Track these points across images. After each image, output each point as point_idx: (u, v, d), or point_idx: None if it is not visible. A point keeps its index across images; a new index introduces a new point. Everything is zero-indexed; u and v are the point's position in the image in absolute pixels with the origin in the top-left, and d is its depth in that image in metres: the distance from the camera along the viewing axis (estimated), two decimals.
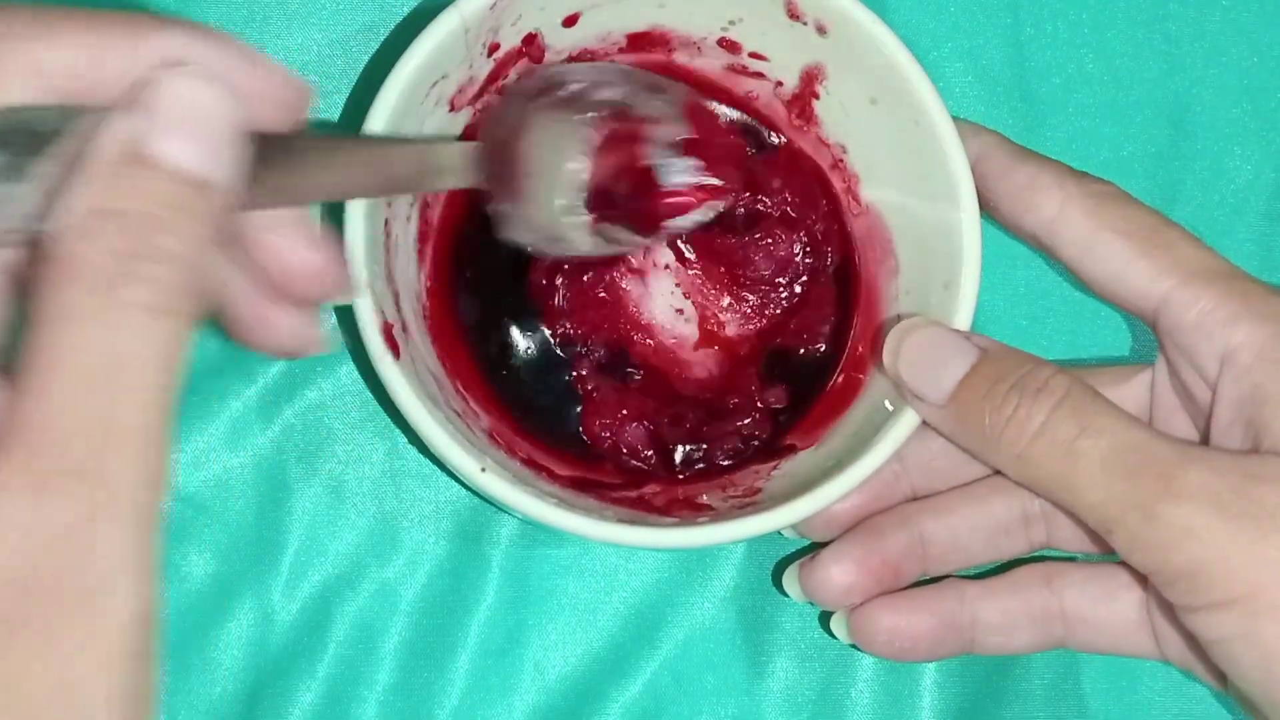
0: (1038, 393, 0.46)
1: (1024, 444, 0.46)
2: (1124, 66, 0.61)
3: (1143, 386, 0.52)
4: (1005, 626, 0.53)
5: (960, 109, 0.60)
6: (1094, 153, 0.60)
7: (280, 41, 0.58)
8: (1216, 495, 0.44)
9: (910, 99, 0.50)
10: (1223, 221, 0.61)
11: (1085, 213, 0.49)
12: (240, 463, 0.56)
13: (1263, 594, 0.43)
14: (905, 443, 0.48)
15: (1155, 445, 0.45)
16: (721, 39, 0.53)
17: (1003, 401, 0.47)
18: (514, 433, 0.53)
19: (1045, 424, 0.46)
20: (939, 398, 0.48)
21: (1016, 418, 0.46)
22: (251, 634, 0.55)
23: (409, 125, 0.48)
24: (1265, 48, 0.62)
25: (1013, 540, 0.53)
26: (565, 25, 0.52)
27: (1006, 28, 0.61)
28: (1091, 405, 0.46)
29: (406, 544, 0.56)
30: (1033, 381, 0.47)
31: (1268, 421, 0.46)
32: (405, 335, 0.48)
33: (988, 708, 0.57)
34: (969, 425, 0.48)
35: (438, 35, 0.48)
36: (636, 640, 0.57)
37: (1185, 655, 0.51)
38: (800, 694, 0.57)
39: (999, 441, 0.47)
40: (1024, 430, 0.46)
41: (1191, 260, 0.48)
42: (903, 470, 0.53)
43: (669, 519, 0.50)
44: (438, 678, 0.56)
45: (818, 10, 0.50)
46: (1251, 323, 0.47)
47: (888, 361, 0.49)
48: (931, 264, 0.51)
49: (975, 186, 0.50)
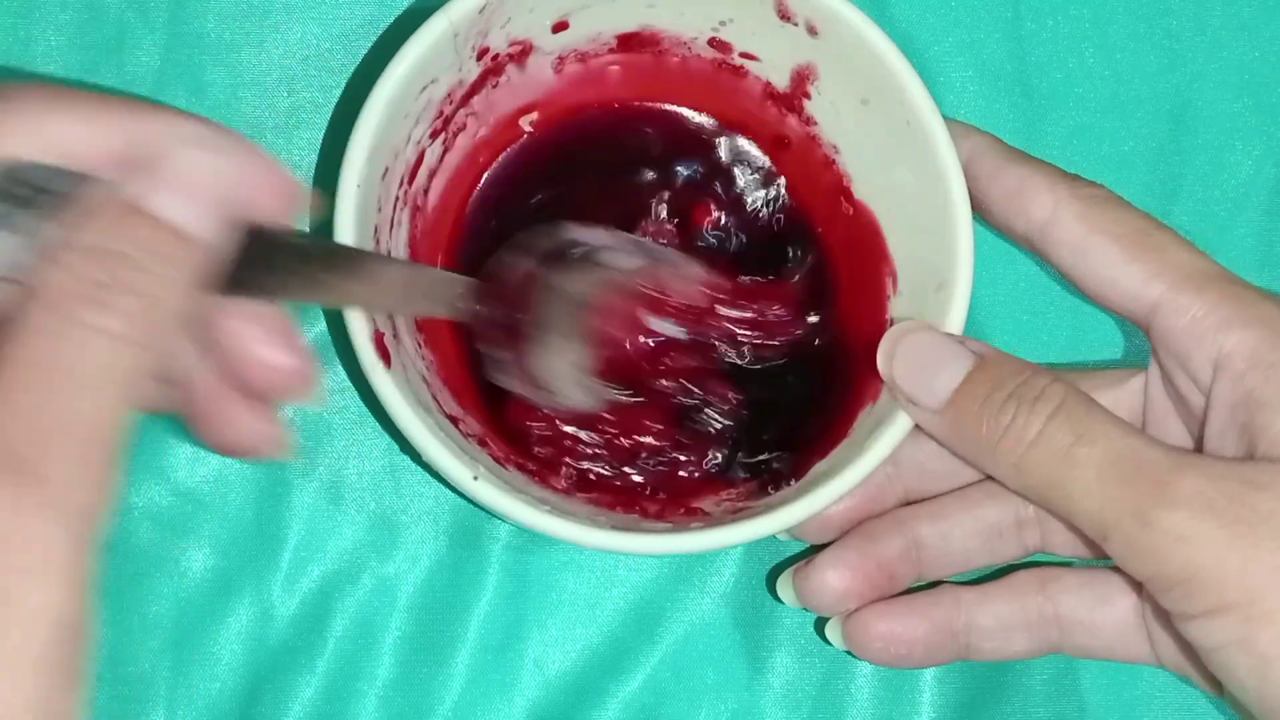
0: (1035, 401, 0.46)
1: (1020, 452, 0.46)
2: (1125, 61, 0.61)
3: (1136, 391, 0.52)
4: (1000, 632, 0.53)
5: (961, 104, 0.60)
6: (1094, 148, 0.60)
7: (280, 35, 0.58)
8: (1211, 502, 0.44)
9: (902, 99, 0.50)
10: (1223, 217, 0.60)
11: (1076, 216, 0.49)
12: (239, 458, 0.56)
13: (1258, 601, 0.43)
14: (899, 447, 0.48)
15: (1150, 452, 0.45)
16: (712, 39, 0.53)
17: (1000, 410, 0.47)
18: (505, 440, 0.53)
19: (1041, 432, 0.46)
20: (934, 404, 0.48)
21: (1014, 426, 0.46)
22: (251, 629, 0.55)
23: (396, 131, 0.49)
24: (1266, 42, 0.61)
25: (1007, 544, 0.53)
26: (555, 31, 0.52)
27: (1007, 22, 0.61)
28: (1087, 413, 0.46)
29: (406, 539, 0.56)
30: (1030, 390, 0.47)
31: (1262, 426, 0.46)
32: (396, 343, 0.48)
33: (987, 704, 0.57)
34: (965, 432, 0.48)
35: (426, 40, 0.48)
36: (636, 636, 0.57)
37: (1180, 661, 0.51)
38: (800, 690, 0.57)
39: (995, 450, 0.47)
40: (1021, 439, 0.46)
41: (1183, 264, 0.48)
42: (896, 473, 0.53)
43: (663, 524, 0.51)
44: (437, 673, 0.56)
45: (808, 10, 0.50)
46: (1244, 327, 0.47)
47: (882, 366, 0.49)
48: (924, 266, 0.50)
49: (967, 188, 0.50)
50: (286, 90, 0.58)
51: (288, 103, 0.58)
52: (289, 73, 0.58)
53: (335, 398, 0.57)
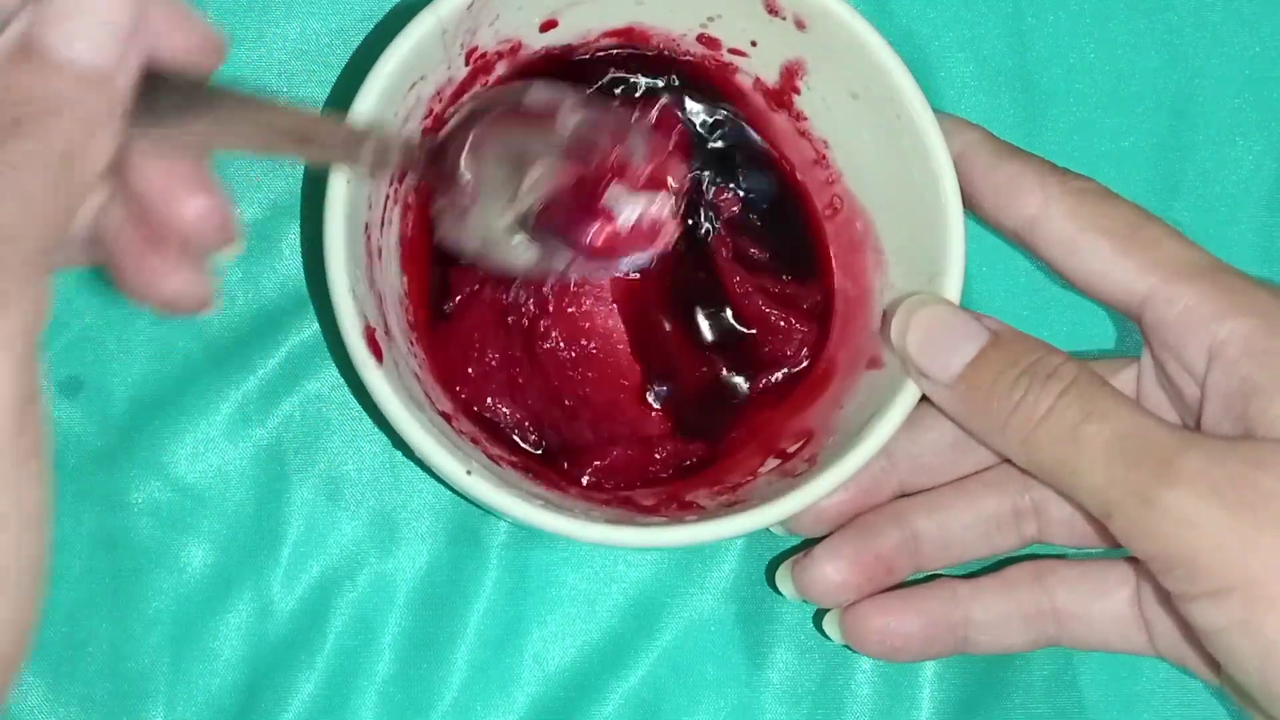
0: (1047, 379, 0.47)
1: (1029, 429, 0.46)
2: (1125, 57, 0.61)
3: (1128, 382, 0.52)
4: (997, 625, 0.53)
5: (961, 99, 0.60)
6: (1095, 143, 0.60)
7: (279, 30, 0.58)
8: (1214, 482, 0.44)
9: (891, 93, 0.50)
10: (1224, 212, 0.60)
11: (1067, 211, 0.49)
12: (239, 454, 0.56)
13: (1260, 583, 0.43)
14: (892, 438, 0.48)
15: (1157, 432, 0.45)
16: (700, 35, 0.53)
17: (1012, 387, 0.47)
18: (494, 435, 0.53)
19: (1051, 409, 0.46)
20: (946, 378, 0.48)
21: (1025, 403, 0.47)
22: (250, 625, 0.55)
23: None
24: (1267, 38, 0.61)
25: (1005, 535, 0.53)
26: (543, 30, 0.52)
27: (1008, 18, 0.61)
28: (1098, 392, 0.46)
29: (405, 535, 0.56)
30: (1043, 368, 0.47)
31: (1259, 412, 0.46)
32: (388, 339, 0.48)
33: (988, 699, 0.57)
34: (976, 408, 0.48)
35: (414, 37, 0.48)
36: (636, 632, 0.57)
37: (1178, 649, 0.51)
38: (800, 685, 0.57)
39: (1005, 426, 0.47)
40: (1030, 415, 0.46)
41: (1175, 256, 0.48)
42: (891, 466, 0.53)
43: (657, 518, 0.50)
44: (437, 669, 0.56)
45: (796, 5, 0.50)
46: (1237, 316, 0.47)
47: (895, 338, 0.49)
48: (916, 257, 0.51)
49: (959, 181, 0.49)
50: (284, 84, 0.58)
51: (285, 97, 0.58)
52: (286, 67, 0.58)
53: (335, 393, 0.57)
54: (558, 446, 0.54)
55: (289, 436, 0.56)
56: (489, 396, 0.53)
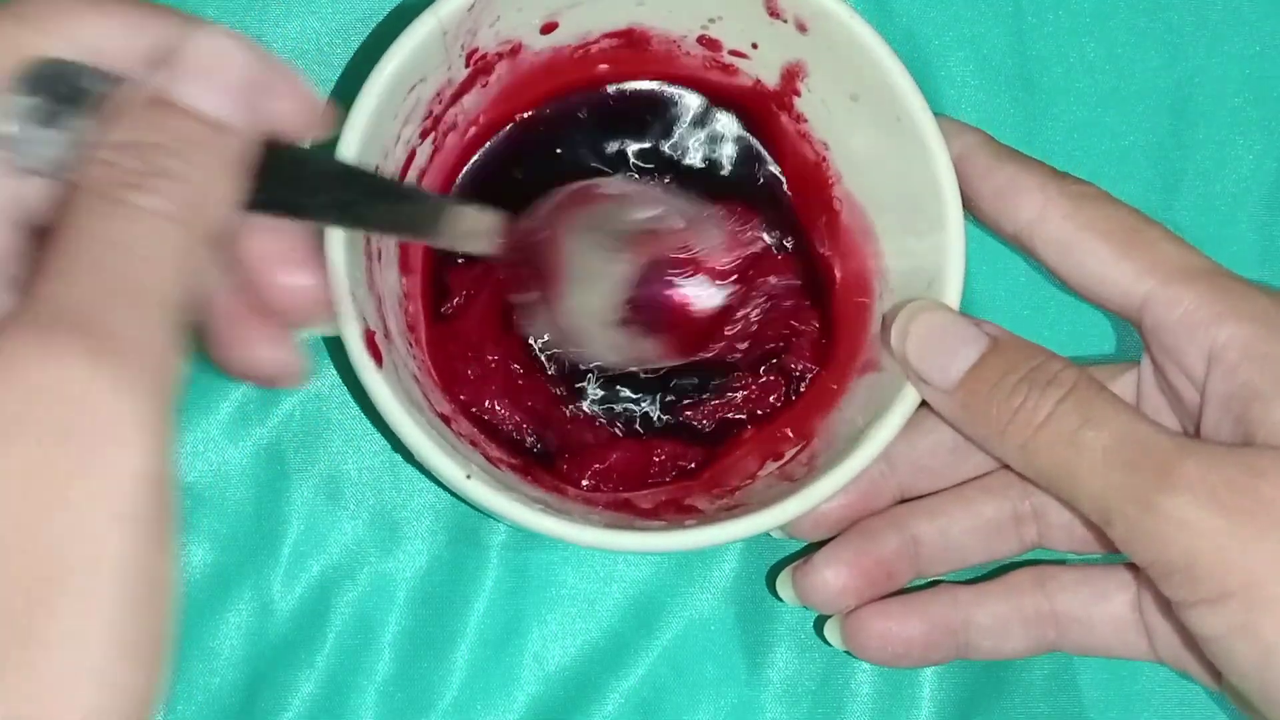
0: (1047, 385, 0.46)
1: (1028, 435, 0.46)
2: (1126, 55, 0.61)
3: (1128, 386, 0.52)
4: (998, 630, 0.53)
5: (961, 99, 0.60)
6: (1095, 142, 0.60)
7: (279, 29, 0.58)
8: (1213, 489, 0.44)
9: (891, 96, 0.50)
10: (1224, 211, 0.60)
11: (1065, 214, 0.49)
12: (239, 453, 0.56)
13: (1259, 588, 0.43)
14: (891, 443, 0.48)
15: (1156, 438, 0.45)
16: (701, 37, 0.53)
17: (1011, 392, 0.47)
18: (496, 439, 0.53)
19: (1050, 415, 0.46)
20: (946, 384, 0.48)
21: (1024, 409, 0.47)
22: (250, 624, 0.55)
23: (385, 131, 0.48)
24: (1267, 36, 0.61)
25: (1005, 540, 0.53)
26: (544, 31, 0.52)
27: (1008, 16, 0.60)
28: (1097, 398, 0.46)
29: (405, 534, 0.56)
30: (1042, 374, 0.47)
31: (1258, 417, 0.46)
32: (387, 341, 0.48)
33: (988, 699, 0.57)
34: (975, 414, 0.48)
35: (415, 39, 0.48)
36: (636, 631, 0.57)
37: (1179, 655, 0.51)
38: (800, 685, 0.57)
39: (1004, 432, 0.47)
40: (1030, 421, 0.46)
41: (1173, 259, 0.48)
42: (890, 471, 0.53)
43: (656, 522, 0.51)
44: (437, 668, 0.56)
45: (797, 7, 0.50)
46: (1237, 321, 0.47)
47: (895, 343, 0.49)
48: (916, 261, 0.50)
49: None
50: None
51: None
52: None
53: (335, 392, 0.57)
54: (556, 448, 0.54)
55: (289, 436, 0.56)
56: (488, 398, 0.53)
